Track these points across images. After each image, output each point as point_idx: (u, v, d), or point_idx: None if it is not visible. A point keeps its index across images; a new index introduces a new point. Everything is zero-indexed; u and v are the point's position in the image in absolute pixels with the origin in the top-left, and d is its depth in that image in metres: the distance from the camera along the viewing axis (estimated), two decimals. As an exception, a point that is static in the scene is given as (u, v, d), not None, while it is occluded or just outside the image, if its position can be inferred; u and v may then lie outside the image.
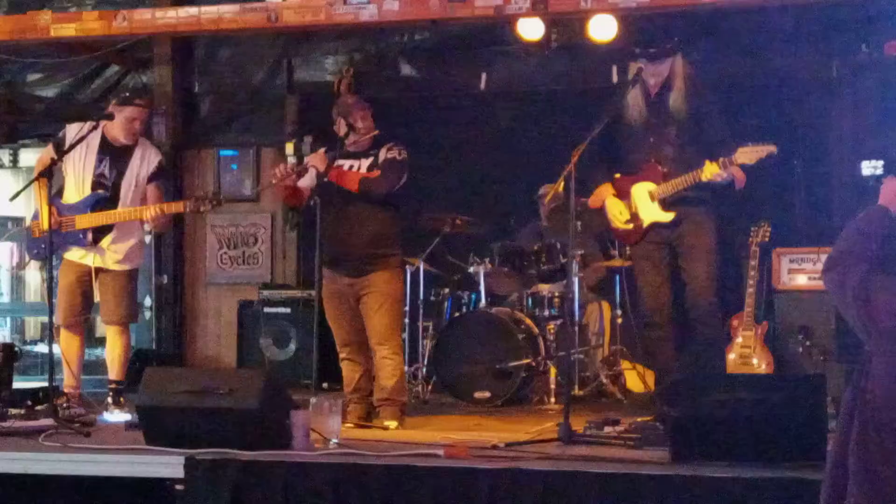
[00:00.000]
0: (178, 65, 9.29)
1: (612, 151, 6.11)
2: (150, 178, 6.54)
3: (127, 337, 6.67)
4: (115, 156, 6.48)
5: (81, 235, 6.42)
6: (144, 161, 6.54)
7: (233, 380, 5.07)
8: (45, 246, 6.21)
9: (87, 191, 6.46)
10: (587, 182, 6.14)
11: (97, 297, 6.62)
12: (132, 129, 6.48)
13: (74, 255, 6.50)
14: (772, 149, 5.78)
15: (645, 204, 6.01)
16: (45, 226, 6.17)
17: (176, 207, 6.58)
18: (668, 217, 5.98)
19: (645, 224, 6.06)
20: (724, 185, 5.94)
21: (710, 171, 5.84)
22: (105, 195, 6.46)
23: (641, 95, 6.00)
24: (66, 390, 6.56)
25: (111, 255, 6.49)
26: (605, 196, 6.12)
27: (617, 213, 6.09)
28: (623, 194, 6.09)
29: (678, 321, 6.13)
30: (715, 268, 6.04)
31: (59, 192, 6.58)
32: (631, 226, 6.10)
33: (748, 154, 5.79)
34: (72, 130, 6.48)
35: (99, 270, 6.49)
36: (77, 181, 6.48)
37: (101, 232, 6.46)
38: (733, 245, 7.18)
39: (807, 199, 7.66)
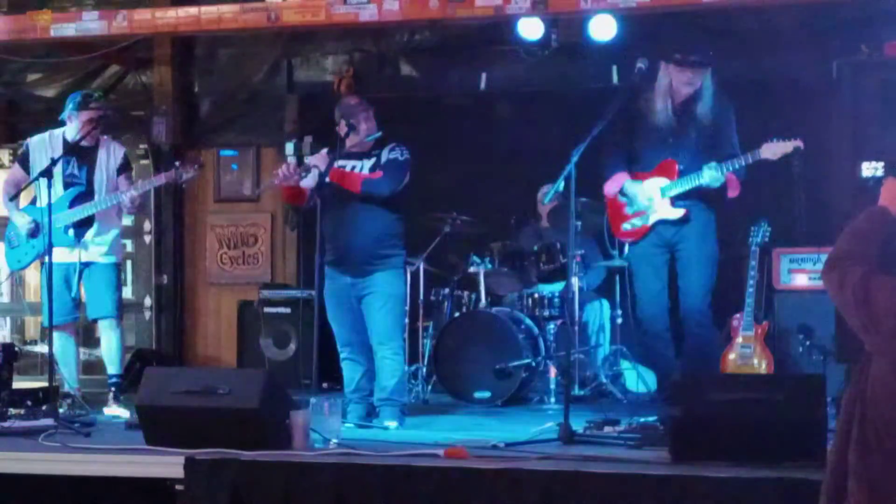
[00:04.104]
0: (178, 65, 9.29)
1: (630, 146, 6.13)
2: (119, 171, 6.67)
3: (121, 330, 6.76)
4: (80, 156, 6.60)
5: (64, 233, 6.46)
6: (111, 156, 6.67)
7: (233, 380, 5.07)
8: (42, 250, 6.39)
9: (61, 191, 6.54)
10: (603, 170, 6.16)
11: (84, 296, 6.67)
12: (90, 131, 6.59)
13: (57, 255, 6.51)
14: (798, 143, 5.82)
15: (655, 200, 6.02)
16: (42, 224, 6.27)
17: (156, 182, 6.70)
18: (676, 213, 6.01)
19: (651, 221, 6.07)
20: (717, 188, 5.97)
21: (708, 174, 5.88)
22: (81, 189, 6.57)
23: (670, 101, 6.02)
24: (67, 391, 6.59)
25: (96, 248, 6.59)
26: (623, 180, 6.12)
27: (630, 200, 6.09)
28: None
29: (675, 326, 6.16)
30: (711, 278, 6.09)
31: (33, 202, 6.73)
32: (637, 221, 6.10)
33: (773, 149, 5.84)
34: (34, 143, 6.69)
35: (85, 266, 6.53)
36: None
37: (82, 227, 6.55)
38: (733, 245, 7.17)
39: (807, 199, 7.65)
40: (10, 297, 9.99)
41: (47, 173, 6.15)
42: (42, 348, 9.03)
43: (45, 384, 6.20)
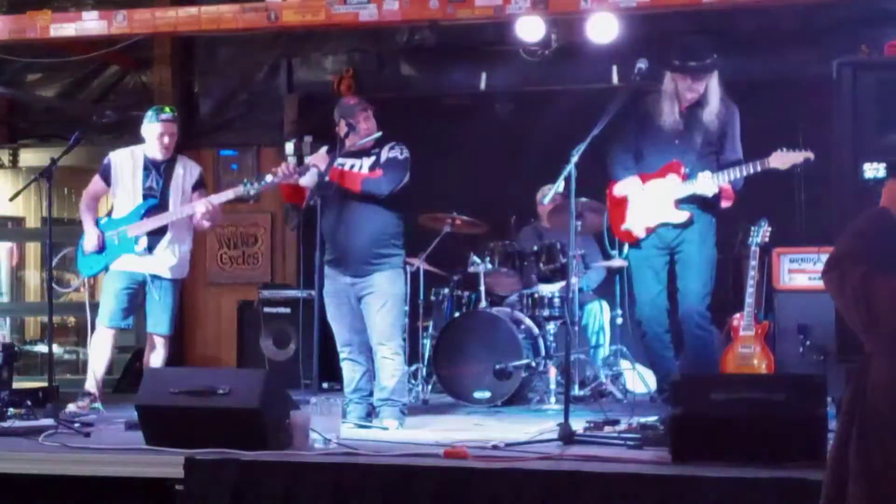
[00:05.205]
0: (178, 65, 9.30)
1: (635, 146, 6.15)
2: (195, 188, 6.77)
3: (171, 346, 6.87)
4: (159, 170, 6.70)
5: (135, 243, 6.52)
6: (187, 172, 6.78)
7: (233, 380, 5.07)
8: (111, 260, 6.62)
9: (139, 201, 6.66)
10: (608, 170, 6.18)
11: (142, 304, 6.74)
12: (162, 143, 6.69)
13: (124, 263, 6.61)
14: (809, 155, 5.83)
15: (659, 202, 6.04)
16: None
17: (225, 196, 6.71)
18: (681, 217, 6.02)
19: (653, 224, 6.08)
20: (710, 197, 6.00)
21: (702, 183, 5.91)
22: (155, 202, 6.66)
23: (676, 105, 6.03)
24: (88, 389, 6.63)
25: (166, 260, 6.66)
26: (630, 191, 6.14)
27: (634, 210, 6.12)
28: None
29: (674, 327, 6.18)
30: (711, 281, 6.11)
31: (109, 213, 6.85)
32: (639, 224, 6.12)
33: (782, 158, 5.84)
34: (116, 158, 6.77)
35: (154, 278, 6.60)
36: (128, 198, 6.67)
37: (154, 239, 6.62)
38: (733, 245, 7.18)
39: (807, 199, 7.65)
40: (9, 296, 10.01)
41: (47, 173, 6.20)
42: (42, 348, 9.05)
43: (45, 384, 6.21)
